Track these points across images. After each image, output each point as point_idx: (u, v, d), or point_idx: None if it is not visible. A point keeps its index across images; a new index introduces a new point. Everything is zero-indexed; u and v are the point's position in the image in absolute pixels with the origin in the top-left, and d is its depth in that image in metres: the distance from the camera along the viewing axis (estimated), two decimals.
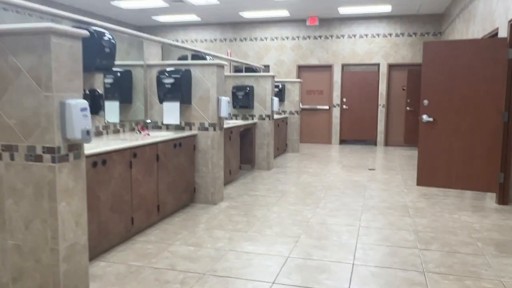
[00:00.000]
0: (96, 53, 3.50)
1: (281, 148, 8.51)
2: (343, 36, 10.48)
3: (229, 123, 6.02)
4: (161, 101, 4.60)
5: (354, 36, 10.41)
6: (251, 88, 6.82)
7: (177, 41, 11.52)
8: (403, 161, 8.00)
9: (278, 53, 10.98)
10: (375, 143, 10.61)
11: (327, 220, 4.16)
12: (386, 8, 9.38)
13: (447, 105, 5.08)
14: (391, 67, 10.33)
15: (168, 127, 4.78)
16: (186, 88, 4.55)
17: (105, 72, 3.83)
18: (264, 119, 6.90)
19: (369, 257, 3.23)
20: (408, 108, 9.60)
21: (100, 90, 3.80)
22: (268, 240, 3.58)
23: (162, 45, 5.02)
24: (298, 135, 9.05)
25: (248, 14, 10.17)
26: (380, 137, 10.48)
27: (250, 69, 8.33)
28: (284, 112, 9.04)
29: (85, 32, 2.46)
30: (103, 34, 3.57)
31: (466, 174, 5.05)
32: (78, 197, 2.58)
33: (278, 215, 4.32)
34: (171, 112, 4.58)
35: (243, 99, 6.79)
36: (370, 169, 7.03)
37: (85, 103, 2.42)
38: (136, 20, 10.99)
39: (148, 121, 4.54)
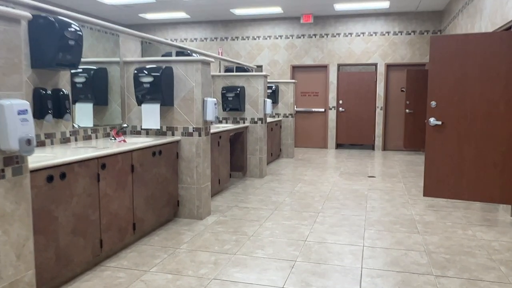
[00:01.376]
0: (59, 47, 2.99)
1: (274, 153, 8.01)
2: (338, 34, 10.01)
3: (219, 127, 5.51)
4: (139, 102, 4.08)
5: (350, 34, 9.94)
6: (242, 89, 6.32)
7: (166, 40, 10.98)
8: (404, 167, 7.53)
9: (271, 53, 10.48)
10: (373, 148, 10.14)
11: (326, 238, 3.66)
12: (384, 5, 8.93)
13: (457, 106, 4.61)
14: (389, 67, 9.88)
15: (148, 132, 4.27)
16: (167, 87, 4.05)
17: (70, 69, 3.31)
18: (256, 122, 6.39)
19: (377, 287, 2.74)
20: (407, 110, 9.13)
21: (66, 90, 3.29)
22: (259, 265, 3.07)
23: (142, 41, 4.51)
24: (292, 140, 8.55)
25: (239, 11, 9.68)
26: (378, 141, 10.01)
27: (241, 69, 7.82)
28: (278, 115, 8.54)
29: (25, 14, 1.95)
30: (68, 24, 3.06)
31: (478, 183, 4.58)
32: (20, 223, 2.06)
33: (271, 232, 3.81)
34: (150, 115, 4.07)
35: (233, 100, 6.27)
36: (370, 177, 6.55)
37: (24, 105, 1.91)
38: (123, 18, 10.46)
39: (125, 125, 4.03)
